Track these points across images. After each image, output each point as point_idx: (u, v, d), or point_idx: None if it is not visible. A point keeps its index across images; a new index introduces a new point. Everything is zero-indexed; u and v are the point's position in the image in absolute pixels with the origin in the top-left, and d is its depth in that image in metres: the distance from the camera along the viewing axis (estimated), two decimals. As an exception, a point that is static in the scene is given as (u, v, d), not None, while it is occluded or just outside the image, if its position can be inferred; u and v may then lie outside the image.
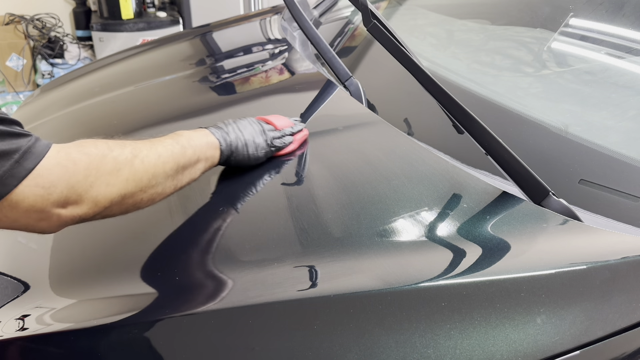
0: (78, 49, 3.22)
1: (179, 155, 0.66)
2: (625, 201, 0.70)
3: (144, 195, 0.62)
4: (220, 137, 0.73)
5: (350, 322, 0.55)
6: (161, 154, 0.64)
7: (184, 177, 0.67)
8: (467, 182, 0.73)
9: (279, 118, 0.82)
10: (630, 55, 0.92)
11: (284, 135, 0.80)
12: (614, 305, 0.56)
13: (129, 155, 0.61)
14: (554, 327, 0.54)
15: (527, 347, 0.53)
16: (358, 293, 0.58)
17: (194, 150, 0.68)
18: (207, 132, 0.73)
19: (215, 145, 0.72)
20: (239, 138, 0.74)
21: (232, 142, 0.73)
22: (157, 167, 0.63)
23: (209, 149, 0.71)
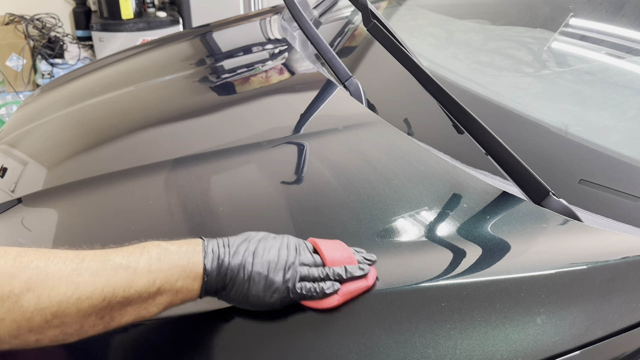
0: (78, 49, 3.22)
1: (118, 286, 0.47)
2: (625, 201, 0.70)
3: (38, 336, 0.46)
4: (210, 261, 0.51)
5: (350, 322, 0.55)
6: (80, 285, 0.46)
7: (123, 316, 0.48)
8: (467, 182, 0.73)
9: (336, 247, 0.57)
10: (630, 55, 0.92)
11: (326, 278, 0.55)
12: (614, 305, 0.56)
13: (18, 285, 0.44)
14: (554, 327, 0.54)
15: (527, 347, 0.53)
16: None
17: (154, 277, 0.48)
18: (195, 250, 0.52)
19: (195, 273, 0.51)
20: (245, 266, 0.52)
21: (229, 270, 0.52)
22: (64, 305, 0.45)
23: (181, 278, 0.50)
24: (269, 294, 0.53)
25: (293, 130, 0.91)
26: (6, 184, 0.91)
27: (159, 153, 0.88)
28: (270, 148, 0.85)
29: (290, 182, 0.78)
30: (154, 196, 0.79)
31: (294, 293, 0.54)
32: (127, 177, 0.84)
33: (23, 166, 0.97)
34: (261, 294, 0.52)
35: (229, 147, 0.87)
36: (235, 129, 0.94)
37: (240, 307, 0.54)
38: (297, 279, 0.54)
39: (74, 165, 0.92)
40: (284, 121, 0.95)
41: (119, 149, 0.94)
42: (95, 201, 0.82)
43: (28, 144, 1.05)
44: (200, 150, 0.87)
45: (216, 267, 0.52)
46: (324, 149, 0.85)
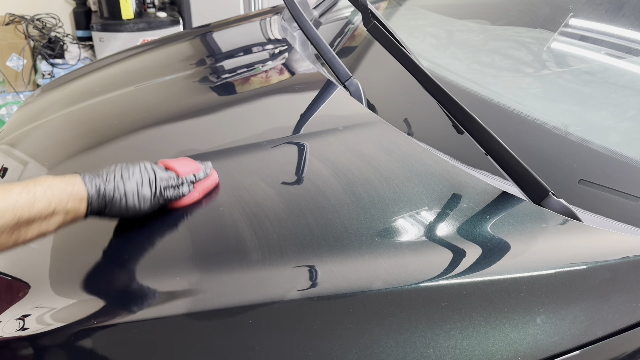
0: (78, 49, 3.22)
1: (23, 208, 0.59)
2: (624, 201, 0.70)
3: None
4: (91, 187, 0.66)
5: (350, 322, 0.55)
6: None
7: (28, 231, 0.61)
8: (467, 182, 0.73)
9: (184, 163, 0.75)
10: (630, 55, 0.92)
11: (181, 184, 0.73)
12: (614, 305, 0.56)
13: None
14: (553, 327, 0.54)
15: (527, 347, 0.53)
16: (358, 293, 0.58)
17: (49, 201, 0.61)
18: (76, 180, 0.66)
19: (80, 196, 0.65)
20: (118, 188, 0.67)
21: (106, 193, 0.66)
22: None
23: (70, 201, 0.64)
24: (143, 203, 0.69)
25: (293, 130, 0.91)
26: (6, 184, 0.91)
27: (160, 153, 0.89)
28: (270, 148, 0.85)
29: (290, 182, 0.78)
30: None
31: (162, 199, 0.71)
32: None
33: (23, 166, 0.97)
34: (136, 205, 0.68)
35: (229, 147, 0.87)
36: (235, 129, 0.94)
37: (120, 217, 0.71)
38: (161, 189, 0.70)
39: (74, 165, 0.92)
40: (284, 121, 0.95)
41: (119, 149, 0.94)
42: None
43: (28, 144, 1.05)
44: (201, 150, 0.87)
45: (95, 191, 0.66)
46: (324, 149, 0.85)
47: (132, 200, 0.68)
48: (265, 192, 0.75)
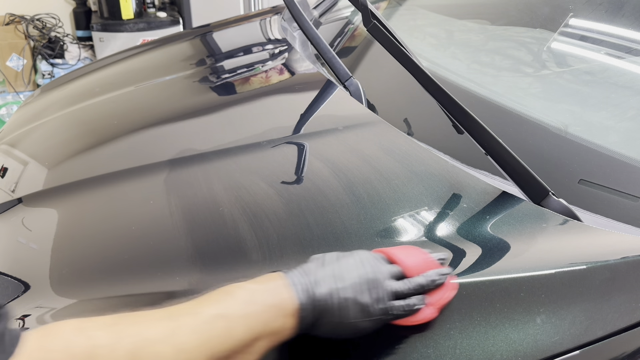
0: (78, 49, 3.22)
1: (219, 341, 0.44)
2: (625, 201, 0.70)
3: None
4: (300, 293, 0.48)
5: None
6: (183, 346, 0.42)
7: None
8: (467, 182, 0.73)
9: (410, 252, 0.54)
10: (630, 55, 0.92)
11: (414, 291, 0.52)
12: (614, 305, 0.56)
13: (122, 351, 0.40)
14: (553, 327, 0.54)
15: (527, 347, 0.53)
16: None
17: (249, 323, 0.45)
18: (280, 283, 0.48)
19: (290, 310, 0.47)
20: (334, 294, 0.48)
21: (320, 301, 0.48)
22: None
23: (276, 318, 0.47)
24: (361, 318, 0.49)
25: (293, 130, 0.91)
26: (6, 184, 0.92)
27: (159, 153, 0.89)
28: (270, 148, 0.85)
29: (290, 182, 0.78)
30: (154, 196, 0.79)
31: (389, 314, 0.50)
32: (127, 177, 0.84)
33: (23, 166, 0.97)
34: (352, 320, 0.48)
35: (229, 147, 0.87)
36: (236, 129, 0.94)
37: (331, 337, 0.51)
38: (386, 297, 0.50)
39: (74, 165, 0.92)
40: (284, 121, 0.95)
41: (119, 149, 0.94)
42: (96, 201, 0.82)
43: (28, 144, 1.05)
44: (201, 150, 0.87)
45: (307, 299, 0.48)
46: (324, 149, 0.85)
47: (355, 312, 0.48)
48: (265, 192, 0.75)
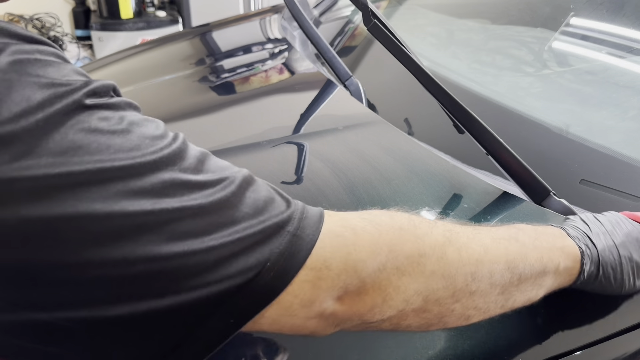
0: (77, 48, 3.21)
1: (517, 259, 0.43)
2: (626, 201, 0.70)
3: (455, 305, 0.41)
4: (582, 245, 0.47)
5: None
6: (488, 248, 0.42)
7: (518, 293, 0.44)
8: (467, 182, 0.73)
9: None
10: (631, 55, 0.92)
11: None
12: (616, 306, 0.56)
13: (440, 237, 0.41)
14: (554, 327, 0.54)
15: (528, 348, 0.53)
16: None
17: (540, 254, 0.45)
18: (561, 232, 0.48)
19: (574, 255, 0.47)
20: (610, 251, 0.48)
21: (600, 257, 0.47)
22: (480, 266, 0.41)
23: (563, 259, 0.46)
24: (636, 279, 0.49)
25: (293, 130, 0.91)
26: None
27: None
28: (270, 148, 0.85)
29: (290, 182, 0.78)
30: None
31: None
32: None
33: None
34: (631, 281, 0.48)
35: (228, 147, 0.87)
36: (235, 128, 0.93)
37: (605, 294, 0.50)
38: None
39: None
40: (284, 121, 0.94)
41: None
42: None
43: (27, 143, 1.04)
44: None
45: (589, 249, 0.47)
46: (324, 148, 0.85)
47: (629, 271, 0.48)
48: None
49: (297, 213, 0.38)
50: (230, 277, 0.33)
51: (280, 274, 0.35)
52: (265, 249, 0.35)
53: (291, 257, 0.35)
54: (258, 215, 0.35)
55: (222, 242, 0.33)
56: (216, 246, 0.33)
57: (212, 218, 0.33)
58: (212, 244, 0.33)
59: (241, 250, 0.34)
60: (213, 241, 0.33)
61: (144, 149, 0.33)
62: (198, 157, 0.37)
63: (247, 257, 0.34)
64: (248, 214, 0.35)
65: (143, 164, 0.33)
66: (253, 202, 0.36)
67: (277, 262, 0.35)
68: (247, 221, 0.35)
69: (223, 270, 0.33)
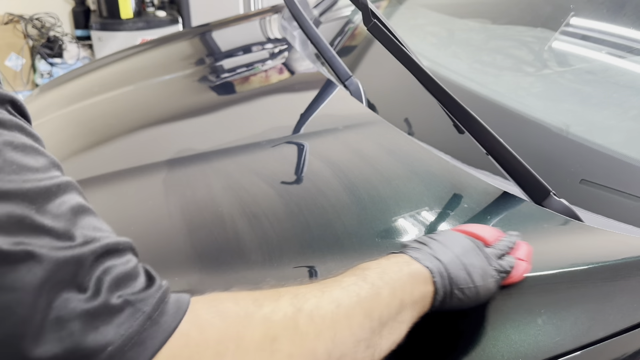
0: (77, 48, 3.21)
1: (371, 302, 0.42)
2: (626, 201, 0.70)
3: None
4: (429, 264, 0.47)
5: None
6: (340, 302, 0.40)
7: (382, 340, 0.42)
8: (467, 182, 0.73)
9: (482, 228, 0.56)
10: (632, 54, 0.92)
11: (503, 252, 0.54)
12: (615, 306, 0.56)
13: (289, 308, 0.38)
14: (555, 327, 0.54)
15: (528, 348, 0.53)
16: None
17: (393, 290, 0.43)
18: (404, 258, 0.47)
19: (423, 277, 0.46)
20: (455, 262, 0.47)
21: (448, 270, 0.47)
22: (337, 325, 0.39)
23: (415, 285, 0.45)
24: (488, 280, 0.49)
25: (293, 130, 0.91)
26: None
27: (158, 153, 0.88)
28: (270, 148, 0.85)
29: (290, 182, 0.78)
30: (152, 196, 0.78)
31: (500, 272, 0.51)
32: (126, 177, 0.84)
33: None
34: (483, 283, 0.48)
35: (228, 147, 0.87)
36: (235, 128, 0.93)
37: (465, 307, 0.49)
38: (493, 258, 0.51)
39: (72, 165, 0.91)
40: (284, 121, 0.94)
41: (118, 148, 0.94)
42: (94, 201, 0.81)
43: (27, 143, 1.04)
44: (200, 150, 0.87)
45: (436, 268, 0.46)
46: (324, 148, 0.85)
47: (478, 276, 0.48)
48: (265, 192, 0.75)
49: (159, 294, 0.33)
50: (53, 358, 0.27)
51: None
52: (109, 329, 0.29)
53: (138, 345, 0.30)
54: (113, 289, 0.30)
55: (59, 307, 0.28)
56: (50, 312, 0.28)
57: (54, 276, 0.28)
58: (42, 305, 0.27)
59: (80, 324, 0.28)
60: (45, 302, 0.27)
61: (3, 174, 0.30)
62: (73, 207, 0.32)
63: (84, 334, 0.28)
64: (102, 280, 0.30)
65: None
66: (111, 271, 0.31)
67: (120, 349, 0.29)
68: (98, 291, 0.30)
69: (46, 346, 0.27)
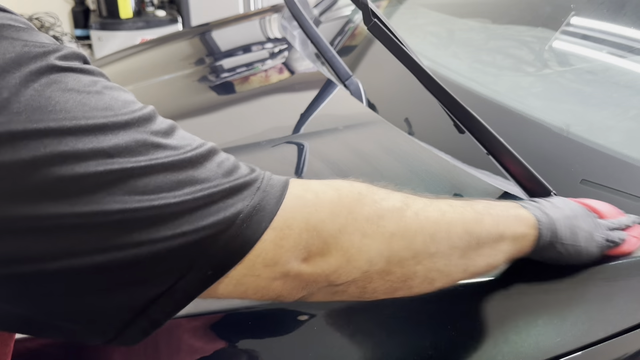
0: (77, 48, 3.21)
1: (473, 223, 0.45)
2: (627, 201, 0.70)
3: (418, 267, 0.43)
4: (536, 214, 0.50)
5: (350, 323, 0.55)
6: (445, 212, 0.45)
7: (478, 258, 0.46)
8: (468, 182, 0.73)
9: (601, 203, 0.58)
10: (632, 54, 0.92)
11: (617, 227, 0.56)
12: (616, 306, 0.56)
13: (398, 202, 0.43)
14: (555, 328, 0.54)
15: (528, 349, 0.53)
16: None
17: (496, 221, 0.47)
18: (515, 205, 0.51)
19: (530, 222, 0.49)
20: (563, 222, 0.50)
21: (554, 223, 0.50)
22: (438, 228, 0.43)
23: (518, 225, 0.49)
24: (592, 245, 0.52)
25: (293, 129, 0.91)
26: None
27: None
28: (270, 148, 0.85)
29: (290, 182, 0.78)
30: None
31: (610, 241, 0.54)
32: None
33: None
34: (587, 246, 0.51)
35: (228, 147, 0.87)
36: (235, 128, 0.93)
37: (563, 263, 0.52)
38: (603, 227, 0.54)
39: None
40: (284, 121, 0.94)
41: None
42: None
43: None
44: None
45: (543, 217, 0.50)
46: (324, 148, 0.85)
47: (584, 238, 0.51)
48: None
49: (264, 175, 0.40)
50: (205, 228, 0.35)
51: (252, 227, 0.36)
52: (237, 202, 0.37)
53: (261, 210, 0.37)
54: (227, 175, 0.37)
55: (195, 196, 0.35)
56: (189, 200, 0.35)
57: (183, 174, 0.35)
58: (185, 198, 0.35)
59: (214, 202, 0.36)
60: (186, 195, 0.35)
61: (116, 110, 0.35)
62: (169, 124, 0.39)
63: (220, 210, 0.36)
64: (217, 173, 0.37)
65: (116, 123, 0.34)
66: (221, 164, 0.38)
67: (248, 215, 0.36)
68: (218, 179, 0.37)
69: (198, 221, 0.35)
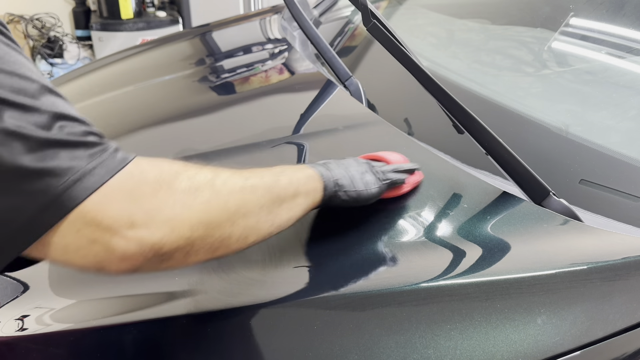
0: (77, 48, 3.22)
1: (272, 184, 0.55)
2: (626, 201, 0.70)
3: (233, 228, 0.50)
4: (321, 171, 0.62)
5: (350, 322, 0.55)
6: (248, 178, 0.53)
7: (281, 211, 0.55)
8: (467, 182, 0.73)
9: (391, 154, 0.73)
10: (631, 55, 0.92)
11: (398, 170, 0.69)
12: (615, 306, 0.56)
13: (209, 174, 0.50)
14: (554, 327, 0.54)
15: (528, 348, 0.53)
16: (358, 293, 0.58)
17: (290, 180, 0.57)
18: (304, 166, 0.62)
19: (315, 177, 0.61)
20: (344, 175, 0.63)
21: (335, 176, 0.62)
22: (245, 192, 0.51)
23: (308, 181, 0.60)
24: (370, 188, 0.64)
25: (293, 130, 0.91)
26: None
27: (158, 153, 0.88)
28: (270, 148, 0.85)
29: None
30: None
31: (385, 180, 0.66)
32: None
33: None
34: (365, 190, 0.63)
35: (228, 147, 0.87)
36: (235, 128, 0.94)
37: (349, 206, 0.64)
38: (380, 172, 0.66)
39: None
40: (284, 121, 0.95)
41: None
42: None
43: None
44: (200, 150, 0.87)
45: (326, 175, 0.61)
46: (324, 148, 0.85)
47: (361, 185, 0.63)
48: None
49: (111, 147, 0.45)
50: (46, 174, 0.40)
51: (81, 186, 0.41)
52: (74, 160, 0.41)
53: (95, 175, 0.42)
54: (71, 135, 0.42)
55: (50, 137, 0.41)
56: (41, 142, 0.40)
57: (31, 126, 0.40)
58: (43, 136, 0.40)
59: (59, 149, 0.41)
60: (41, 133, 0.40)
61: None
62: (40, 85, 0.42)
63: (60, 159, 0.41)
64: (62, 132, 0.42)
65: None
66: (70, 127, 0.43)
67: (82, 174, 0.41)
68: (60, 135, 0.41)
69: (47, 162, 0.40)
